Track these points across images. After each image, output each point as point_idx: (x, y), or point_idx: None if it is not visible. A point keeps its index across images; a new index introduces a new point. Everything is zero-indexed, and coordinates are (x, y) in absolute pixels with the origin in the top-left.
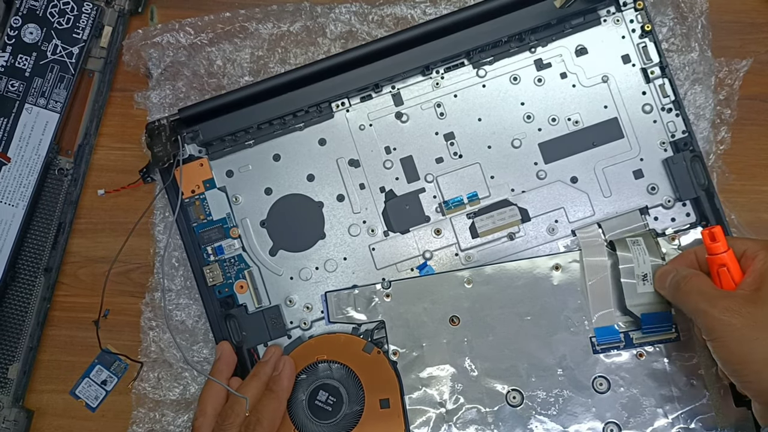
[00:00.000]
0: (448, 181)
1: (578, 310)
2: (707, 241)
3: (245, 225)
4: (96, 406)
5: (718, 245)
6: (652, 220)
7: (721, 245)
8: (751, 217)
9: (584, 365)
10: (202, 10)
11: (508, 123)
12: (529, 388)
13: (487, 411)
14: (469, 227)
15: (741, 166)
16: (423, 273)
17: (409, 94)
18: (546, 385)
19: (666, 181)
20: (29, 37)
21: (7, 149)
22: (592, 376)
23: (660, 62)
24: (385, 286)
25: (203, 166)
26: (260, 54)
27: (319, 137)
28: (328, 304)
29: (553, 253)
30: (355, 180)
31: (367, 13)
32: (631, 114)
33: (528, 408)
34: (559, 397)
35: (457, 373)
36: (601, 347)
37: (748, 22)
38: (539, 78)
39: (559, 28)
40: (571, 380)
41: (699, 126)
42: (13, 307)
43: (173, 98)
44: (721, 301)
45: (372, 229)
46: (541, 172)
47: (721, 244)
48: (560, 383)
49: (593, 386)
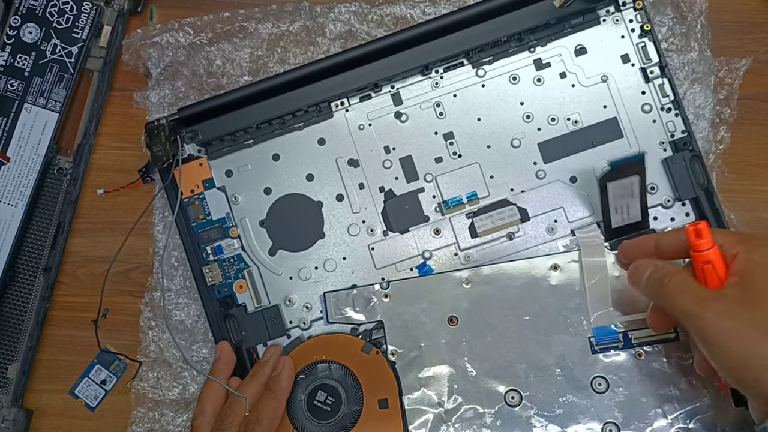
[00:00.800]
0: (447, 181)
1: (576, 310)
2: (692, 237)
3: (244, 225)
4: (95, 405)
5: (703, 242)
6: (652, 219)
7: (707, 242)
8: (751, 216)
9: (583, 365)
10: (201, 10)
11: (508, 123)
12: (527, 388)
13: (485, 411)
14: (469, 227)
15: (741, 166)
16: (422, 273)
17: (408, 93)
18: (545, 385)
19: (665, 180)
20: (28, 36)
21: (7, 149)
22: (590, 376)
23: (659, 62)
24: (384, 286)
25: (202, 166)
26: (259, 54)
27: (319, 137)
28: (326, 305)
29: (552, 253)
30: (355, 180)
31: (367, 13)
32: (631, 114)
33: (526, 408)
34: (557, 397)
35: (456, 374)
36: (600, 347)
37: (747, 22)
38: (538, 78)
39: (559, 28)
40: (569, 380)
41: (698, 126)
42: (12, 306)
43: (172, 98)
44: (712, 304)
45: (371, 228)
46: (540, 171)
47: (706, 241)
48: (559, 383)
49: (592, 386)
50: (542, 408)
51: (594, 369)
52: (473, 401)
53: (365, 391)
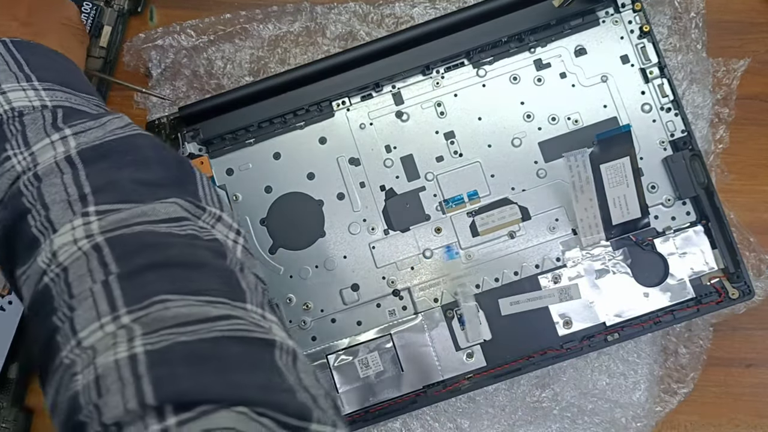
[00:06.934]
0: (448, 180)
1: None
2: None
3: (245, 223)
4: None
5: None
6: (653, 218)
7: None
8: (751, 216)
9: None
10: (201, 10)
11: (508, 122)
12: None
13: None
14: (470, 226)
15: (740, 166)
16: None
17: (409, 93)
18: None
19: (666, 179)
20: None
21: None
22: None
23: (659, 62)
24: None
25: (203, 165)
26: (260, 54)
27: (320, 136)
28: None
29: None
30: (356, 178)
31: (367, 13)
32: (631, 113)
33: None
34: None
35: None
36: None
37: (747, 22)
38: (539, 78)
39: (558, 29)
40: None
41: (697, 125)
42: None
43: (173, 98)
44: None
45: (372, 227)
46: (541, 170)
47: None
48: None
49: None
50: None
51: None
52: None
53: None
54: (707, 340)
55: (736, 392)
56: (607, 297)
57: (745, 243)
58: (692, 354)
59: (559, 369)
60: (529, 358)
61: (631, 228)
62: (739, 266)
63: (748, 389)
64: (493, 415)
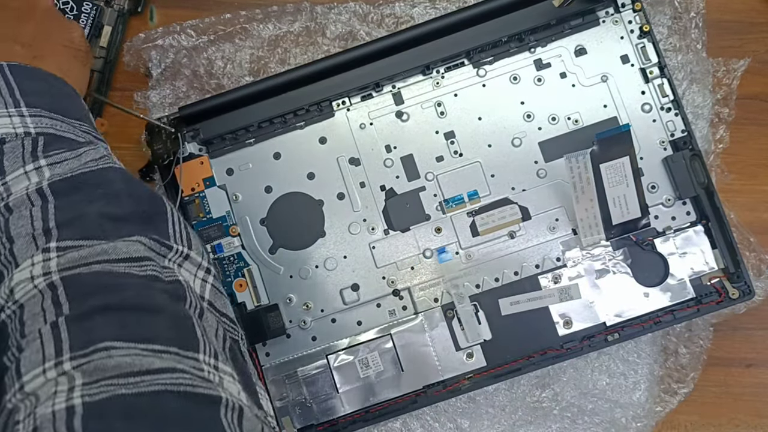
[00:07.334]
0: (448, 180)
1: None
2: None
3: (245, 223)
4: None
5: None
6: (653, 218)
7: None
8: (751, 216)
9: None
10: (201, 10)
11: (508, 122)
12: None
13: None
14: (470, 225)
15: (740, 166)
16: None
17: (409, 93)
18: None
19: (666, 179)
20: None
21: None
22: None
23: (659, 62)
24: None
25: (203, 164)
26: (260, 54)
27: (320, 136)
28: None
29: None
30: (356, 178)
31: (367, 13)
32: (631, 113)
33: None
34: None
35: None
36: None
37: (747, 22)
38: (539, 78)
39: (558, 29)
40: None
41: (697, 125)
42: None
43: (173, 98)
44: None
45: (372, 227)
46: (541, 170)
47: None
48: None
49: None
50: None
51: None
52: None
53: None
54: (707, 340)
55: (736, 392)
56: (607, 297)
57: (745, 243)
58: (692, 354)
59: (559, 369)
60: (529, 358)
61: (631, 228)
62: (739, 266)
63: (748, 389)
64: (493, 415)
